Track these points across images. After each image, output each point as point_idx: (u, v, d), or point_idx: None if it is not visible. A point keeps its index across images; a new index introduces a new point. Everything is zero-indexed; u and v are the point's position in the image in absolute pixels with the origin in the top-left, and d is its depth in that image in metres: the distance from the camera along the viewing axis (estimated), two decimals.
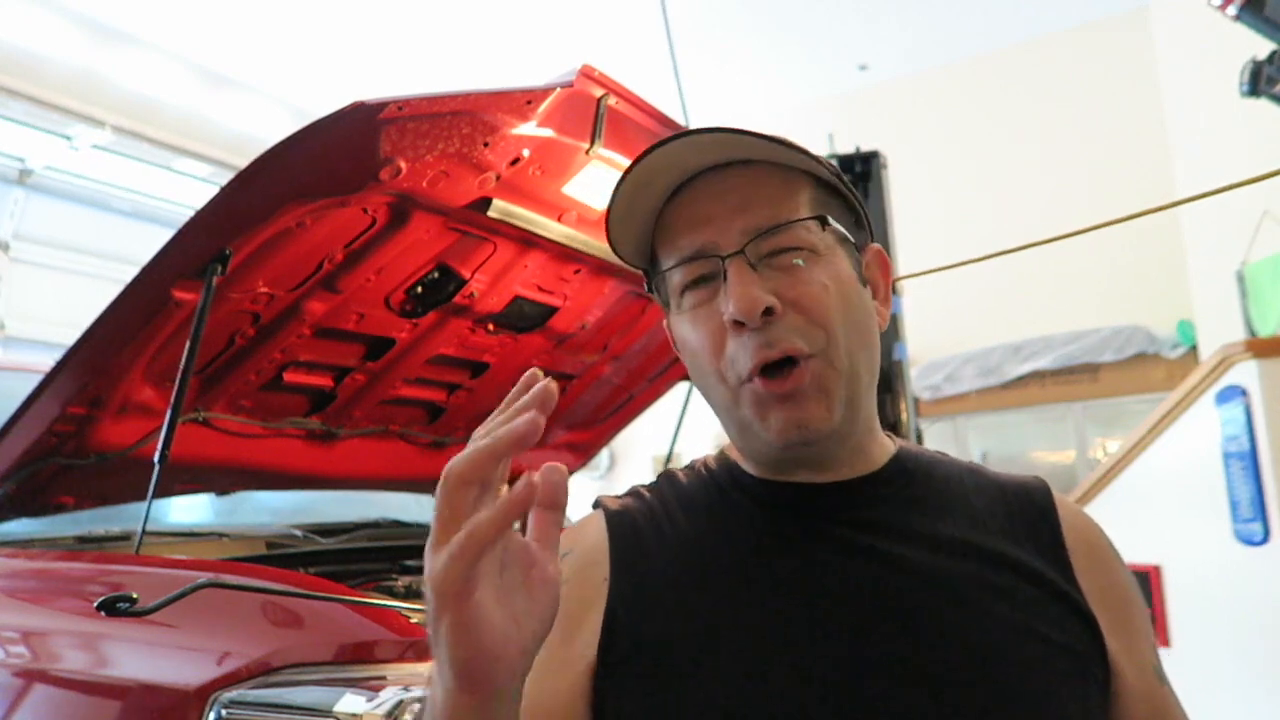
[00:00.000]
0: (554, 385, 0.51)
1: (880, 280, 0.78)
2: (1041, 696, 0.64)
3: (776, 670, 0.64)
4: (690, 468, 0.83)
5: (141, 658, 1.28)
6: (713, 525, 0.75)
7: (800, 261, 0.70)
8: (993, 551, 0.71)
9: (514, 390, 0.52)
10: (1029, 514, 0.76)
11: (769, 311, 0.67)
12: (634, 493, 0.81)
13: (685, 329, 0.74)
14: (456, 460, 0.49)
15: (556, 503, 0.53)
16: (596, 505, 0.81)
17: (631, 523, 0.76)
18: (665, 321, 0.79)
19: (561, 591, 0.71)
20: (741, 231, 0.70)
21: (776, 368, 0.68)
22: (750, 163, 0.72)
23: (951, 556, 0.70)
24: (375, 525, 2.24)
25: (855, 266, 0.74)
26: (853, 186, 0.77)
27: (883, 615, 0.66)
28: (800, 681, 0.63)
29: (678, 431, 2.49)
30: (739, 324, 0.68)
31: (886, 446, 0.78)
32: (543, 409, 0.49)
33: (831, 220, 0.73)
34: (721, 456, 0.81)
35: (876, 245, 0.79)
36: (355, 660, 1.14)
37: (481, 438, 0.49)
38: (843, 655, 0.65)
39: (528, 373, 0.52)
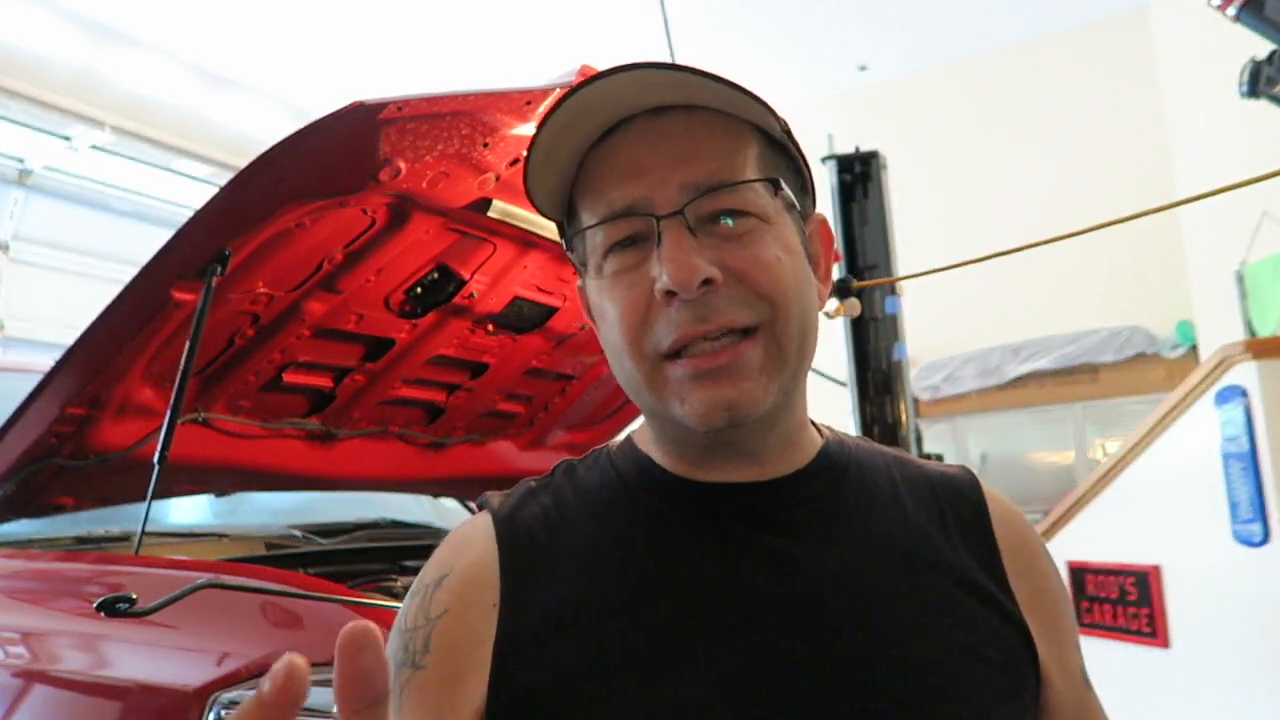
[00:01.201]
0: (298, 662, 0.32)
1: (823, 254, 0.69)
2: None
3: (697, 701, 0.57)
4: (593, 460, 0.72)
5: (141, 658, 1.28)
6: (620, 534, 0.65)
7: (731, 222, 0.61)
8: (926, 558, 0.66)
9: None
10: (960, 511, 0.70)
11: (708, 282, 0.59)
12: (527, 490, 0.70)
13: (603, 296, 0.64)
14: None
15: (377, 694, 0.34)
16: (483, 505, 0.70)
17: (526, 530, 0.65)
18: (580, 284, 0.70)
19: (440, 625, 0.62)
20: (680, 186, 0.61)
21: (705, 344, 0.60)
22: (693, 109, 0.62)
23: (882, 564, 0.64)
24: (374, 526, 2.24)
25: (800, 237, 0.66)
26: (800, 148, 0.69)
27: (813, 637, 0.60)
28: (718, 711, 0.57)
29: None
30: (671, 295, 0.59)
31: (814, 439, 0.70)
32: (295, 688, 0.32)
33: (784, 184, 0.64)
34: (628, 445, 0.71)
35: (821, 215, 0.71)
36: None
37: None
38: (771, 682, 0.58)
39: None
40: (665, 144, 0.62)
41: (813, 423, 0.72)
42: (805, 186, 0.69)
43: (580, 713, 0.57)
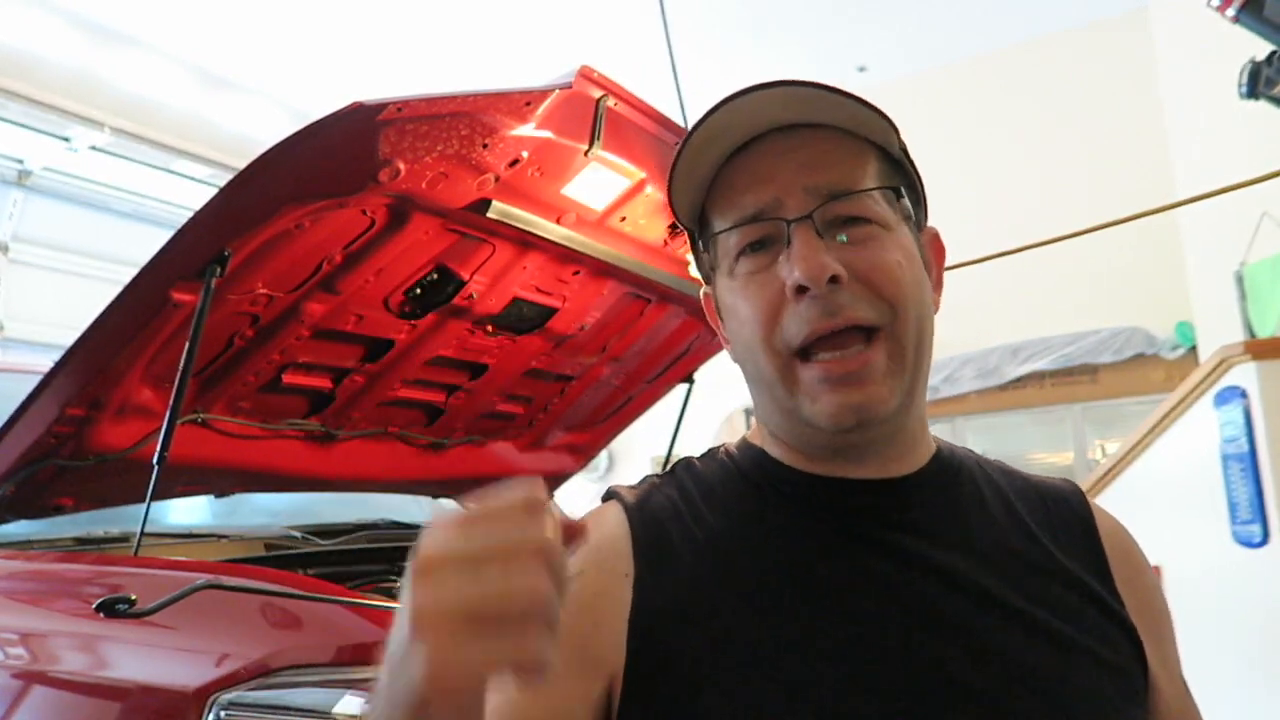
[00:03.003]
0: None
1: (936, 264, 0.74)
2: None
3: (823, 689, 0.59)
4: (710, 457, 0.75)
5: (140, 659, 1.28)
6: (746, 525, 0.68)
7: (855, 227, 0.65)
8: (1041, 563, 0.68)
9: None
10: (1069, 521, 0.73)
11: (835, 280, 0.63)
12: (650, 484, 0.73)
13: (736, 296, 0.68)
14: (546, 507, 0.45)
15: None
16: (610, 496, 0.73)
17: (654, 518, 0.68)
18: (703, 289, 0.74)
19: (577, 584, 0.66)
20: (806, 190, 0.65)
21: (834, 344, 0.64)
22: (818, 127, 0.67)
23: (1002, 567, 0.67)
24: (374, 527, 2.23)
25: (917, 247, 0.70)
26: (915, 164, 0.73)
27: (935, 632, 0.62)
28: (848, 703, 0.59)
29: (676, 432, 2.49)
30: (801, 290, 0.63)
31: (930, 443, 0.74)
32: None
33: (904, 194, 0.69)
34: (745, 444, 0.75)
35: (934, 228, 0.75)
36: (354, 662, 1.14)
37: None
38: (894, 675, 0.60)
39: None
40: (793, 155, 0.66)
41: None
42: (919, 201, 0.74)
43: (710, 696, 0.60)
